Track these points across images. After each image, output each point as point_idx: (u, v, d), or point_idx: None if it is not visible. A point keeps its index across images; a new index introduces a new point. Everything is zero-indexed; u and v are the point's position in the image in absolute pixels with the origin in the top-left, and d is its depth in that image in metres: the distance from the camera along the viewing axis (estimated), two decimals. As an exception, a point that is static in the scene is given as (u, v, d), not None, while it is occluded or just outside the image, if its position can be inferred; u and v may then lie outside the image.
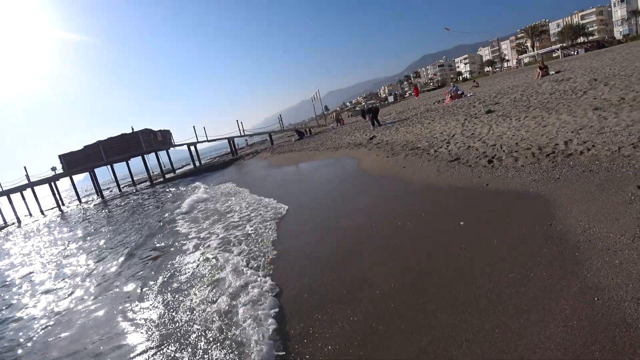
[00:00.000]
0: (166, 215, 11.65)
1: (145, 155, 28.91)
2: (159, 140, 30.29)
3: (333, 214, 6.33)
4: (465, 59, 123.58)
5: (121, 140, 27.68)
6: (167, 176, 31.06)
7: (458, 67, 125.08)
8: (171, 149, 34.52)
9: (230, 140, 34.17)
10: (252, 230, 6.63)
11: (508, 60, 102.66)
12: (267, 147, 32.00)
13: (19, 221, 31.91)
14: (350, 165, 10.50)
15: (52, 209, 33.33)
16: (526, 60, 79.71)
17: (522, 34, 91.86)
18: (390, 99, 66.97)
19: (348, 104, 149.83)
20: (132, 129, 27.60)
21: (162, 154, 34.03)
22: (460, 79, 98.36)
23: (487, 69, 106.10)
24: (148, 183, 30.77)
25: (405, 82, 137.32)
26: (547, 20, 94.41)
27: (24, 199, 32.90)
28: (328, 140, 18.68)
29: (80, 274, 7.30)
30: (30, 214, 33.76)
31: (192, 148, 32.60)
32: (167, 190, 22.14)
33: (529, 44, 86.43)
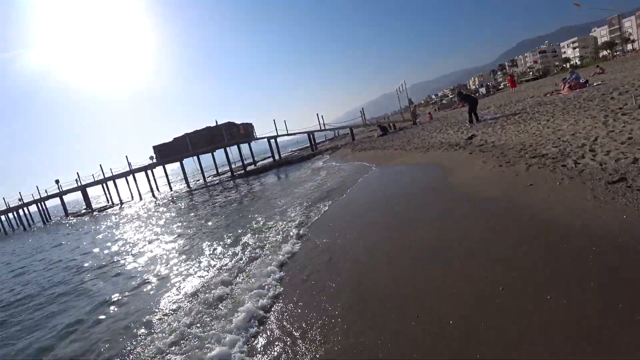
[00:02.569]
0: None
1: (228, 148, 29.77)
2: (242, 133, 30.96)
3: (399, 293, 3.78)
4: (573, 42, 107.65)
5: (206, 133, 28.77)
6: (248, 169, 31.73)
7: (564, 52, 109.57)
8: (253, 141, 35.24)
9: (310, 134, 33.65)
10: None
11: (634, 41, 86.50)
12: (348, 142, 30.75)
13: (121, 202, 35.39)
14: (442, 175, 8.33)
15: (146, 193, 36.40)
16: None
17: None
18: (482, 91, 60.80)
19: (433, 96, 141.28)
20: (216, 122, 28.48)
21: (245, 146, 34.92)
22: (568, 66, 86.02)
23: (604, 52, 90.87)
24: (229, 174, 31.77)
25: (499, 72, 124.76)
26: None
27: (130, 182, 36.32)
28: (415, 138, 16.68)
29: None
30: (132, 197, 37.32)
31: (273, 141, 32.79)
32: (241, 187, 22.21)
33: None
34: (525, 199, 5.12)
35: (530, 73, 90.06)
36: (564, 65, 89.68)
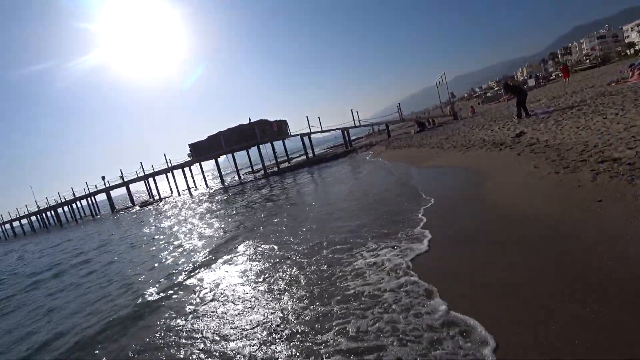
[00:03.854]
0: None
1: (261, 145, 29.50)
2: (275, 130, 30.54)
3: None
4: (638, 25, 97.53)
5: (239, 131, 28.61)
6: (282, 166, 31.34)
7: (627, 36, 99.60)
8: (288, 138, 34.80)
9: (344, 131, 32.61)
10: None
11: None
12: (383, 139, 29.46)
13: (160, 199, 36.37)
14: (479, 183, 6.97)
15: (184, 190, 37.20)
16: None
17: None
18: (531, 82, 56.42)
19: (477, 89, 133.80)
20: (249, 119, 28.22)
21: (279, 144, 34.55)
22: (632, 51, 78.10)
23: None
24: (261, 173, 31.54)
25: (550, 62, 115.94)
26: None
27: (171, 179, 37.32)
28: (455, 135, 15.25)
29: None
30: (172, 193, 38.34)
31: (306, 138, 32.13)
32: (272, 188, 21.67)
33: None
34: (595, 221, 3.87)
35: (587, 61, 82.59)
36: (628, 52, 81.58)
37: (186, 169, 34.77)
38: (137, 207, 34.36)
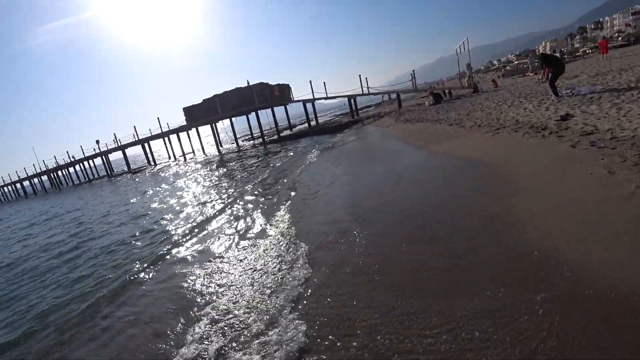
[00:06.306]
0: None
1: (261, 111, 27.25)
2: (276, 95, 28.10)
3: None
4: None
5: (236, 95, 26.28)
6: (282, 134, 29.19)
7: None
8: (292, 104, 32.34)
9: (351, 98, 30.09)
10: None
11: None
12: (394, 110, 27.03)
13: (155, 163, 34.77)
14: (524, 206, 4.48)
15: (180, 156, 35.48)
16: None
17: None
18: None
19: (495, 62, 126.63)
20: (248, 82, 25.81)
21: (281, 110, 32.20)
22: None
23: None
24: (260, 140, 29.43)
25: (577, 37, 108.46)
26: None
27: (176, 142, 35.55)
28: (478, 110, 12.98)
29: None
30: (169, 158, 36.68)
31: (309, 106, 29.71)
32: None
33: None
34: None
35: (620, 38, 76.97)
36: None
37: (183, 135, 32.84)
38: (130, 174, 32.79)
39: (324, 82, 28.25)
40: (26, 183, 46.95)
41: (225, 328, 3.44)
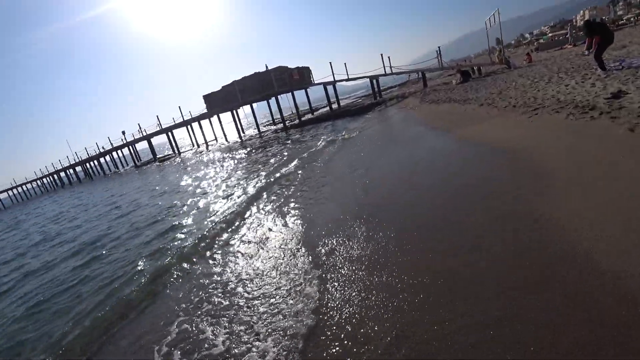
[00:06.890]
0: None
1: (280, 96, 26.69)
2: (295, 79, 27.38)
3: None
4: None
5: (255, 80, 25.77)
6: (303, 119, 28.61)
7: None
8: (312, 88, 31.56)
9: (373, 79, 28.96)
10: None
11: None
12: (419, 89, 25.81)
13: (179, 152, 35.11)
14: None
15: (202, 143, 35.66)
16: None
17: None
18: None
19: (527, 35, 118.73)
20: (266, 67, 25.21)
21: (301, 94, 31.49)
22: None
23: None
24: (281, 125, 28.94)
25: (620, 2, 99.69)
26: None
27: (199, 129, 35.70)
28: (511, 88, 11.90)
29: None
30: (193, 146, 36.92)
31: (330, 88, 28.84)
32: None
33: None
34: None
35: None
36: None
37: (204, 123, 32.78)
38: (157, 163, 33.19)
39: (345, 63, 27.27)
40: (62, 174, 48.78)
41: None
